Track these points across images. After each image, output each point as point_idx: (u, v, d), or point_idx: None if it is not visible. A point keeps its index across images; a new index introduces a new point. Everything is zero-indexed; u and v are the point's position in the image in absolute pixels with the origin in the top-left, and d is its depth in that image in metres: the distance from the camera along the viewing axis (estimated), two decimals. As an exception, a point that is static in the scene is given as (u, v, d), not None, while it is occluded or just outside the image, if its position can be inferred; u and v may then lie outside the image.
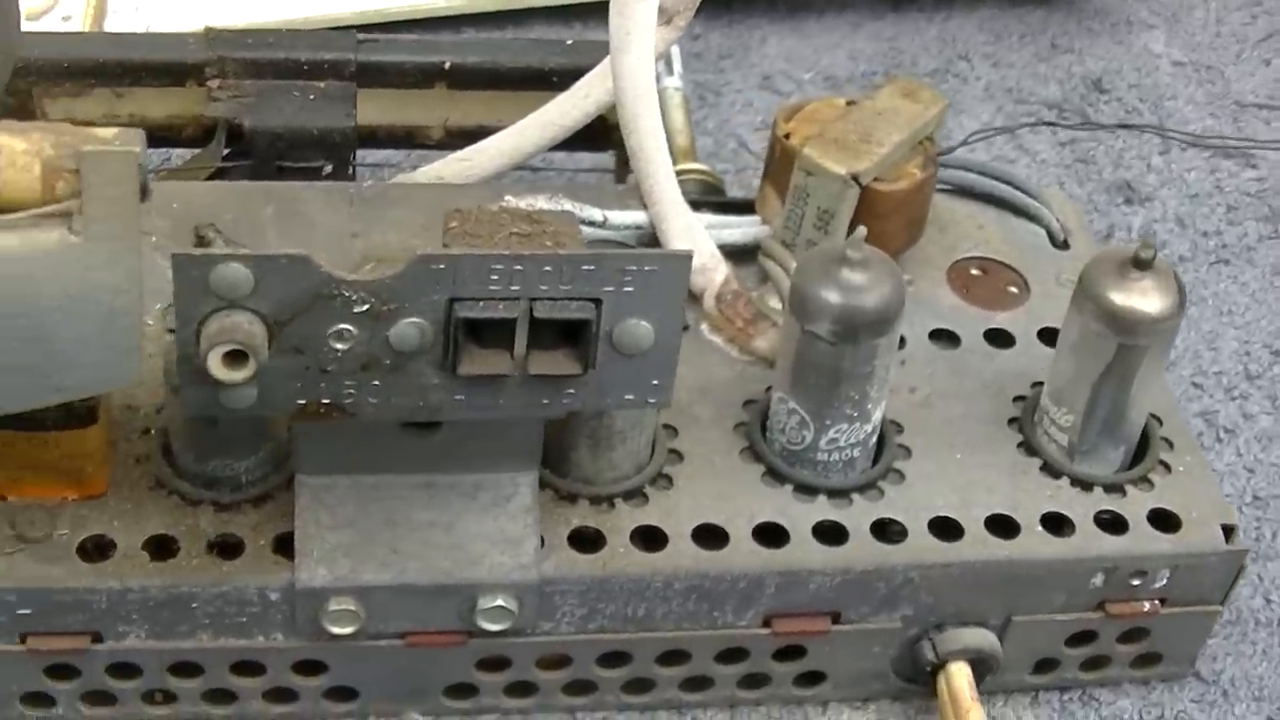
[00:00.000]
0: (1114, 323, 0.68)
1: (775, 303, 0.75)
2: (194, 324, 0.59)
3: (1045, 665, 0.73)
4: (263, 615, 0.67)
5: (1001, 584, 0.70)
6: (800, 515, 0.70)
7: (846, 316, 0.67)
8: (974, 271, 0.80)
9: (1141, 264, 0.68)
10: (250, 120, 0.80)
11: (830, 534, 0.70)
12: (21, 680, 0.68)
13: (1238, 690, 0.76)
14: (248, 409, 0.61)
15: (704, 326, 0.76)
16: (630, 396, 0.62)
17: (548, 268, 0.59)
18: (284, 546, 0.67)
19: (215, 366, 0.58)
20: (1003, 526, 0.70)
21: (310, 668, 0.69)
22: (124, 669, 0.68)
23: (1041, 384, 0.73)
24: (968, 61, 1.06)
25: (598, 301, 0.60)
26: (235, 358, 0.58)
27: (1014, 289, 0.79)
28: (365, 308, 0.59)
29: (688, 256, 0.60)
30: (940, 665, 0.71)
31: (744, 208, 0.79)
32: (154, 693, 0.69)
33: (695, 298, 0.75)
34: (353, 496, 0.67)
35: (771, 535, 0.69)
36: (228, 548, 0.67)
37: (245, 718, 0.71)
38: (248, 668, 0.69)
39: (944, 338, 0.77)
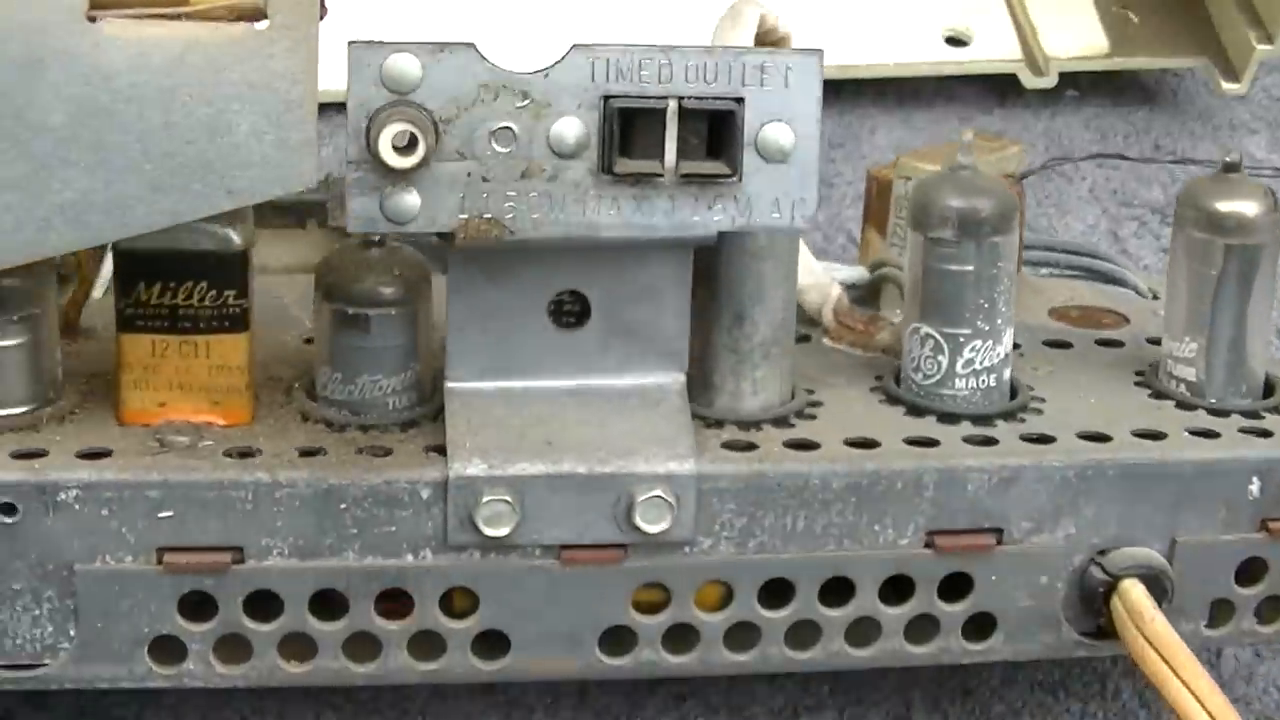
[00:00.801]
0: (1217, 224, 0.69)
1: (893, 318, 0.75)
2: (365, 117, 0.60)
3: (1219, 614, 0.69)
4: (413, 523, 0.63)
5: (1158, 490, 0.67)
6: (948, 433, 0.68)
7: (967, 213, 0.67)
8: (1074, 313, 0.80)
9: (1231, 168, 0.70)
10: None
11: (981, 444, 0.67)
12: (153, 619, 0.63)
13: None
14: (411, 221, 0.60)
15: (825, 340, 0.75)
16: (777, 215, 0.62)
17: (693, 62, 0.61)
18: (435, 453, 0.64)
19: (386, 150, 0.59)
20: (1150, 437, 0.68)
21: (459, 608, 0.64)
22: (263, 602, 0.63)
23: (1156, 365, 0.73)
24: (1073, 161, 1.08)
25: (740, 101, 0.61)
26: (406, 144, 0.59)
27: (1114, 321, 0.80)
28: (525, 103, 0.60)
29: (820, 52, 0.62)
30: (1113, 585, 0.66)
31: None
32: (291, 644, 0.64)
33: (813, 318, 0.75)
34: (502, 400, 0.65)
35: (923, 444, 0.67)
36: (377, 455, 0.64)
37: (387, 678, 0.65)
38: (394, 603, 0.64)
39: (1056, 345, 0.77)
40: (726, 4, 0.72)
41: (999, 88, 1.12)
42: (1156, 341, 0.75)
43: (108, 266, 0.74)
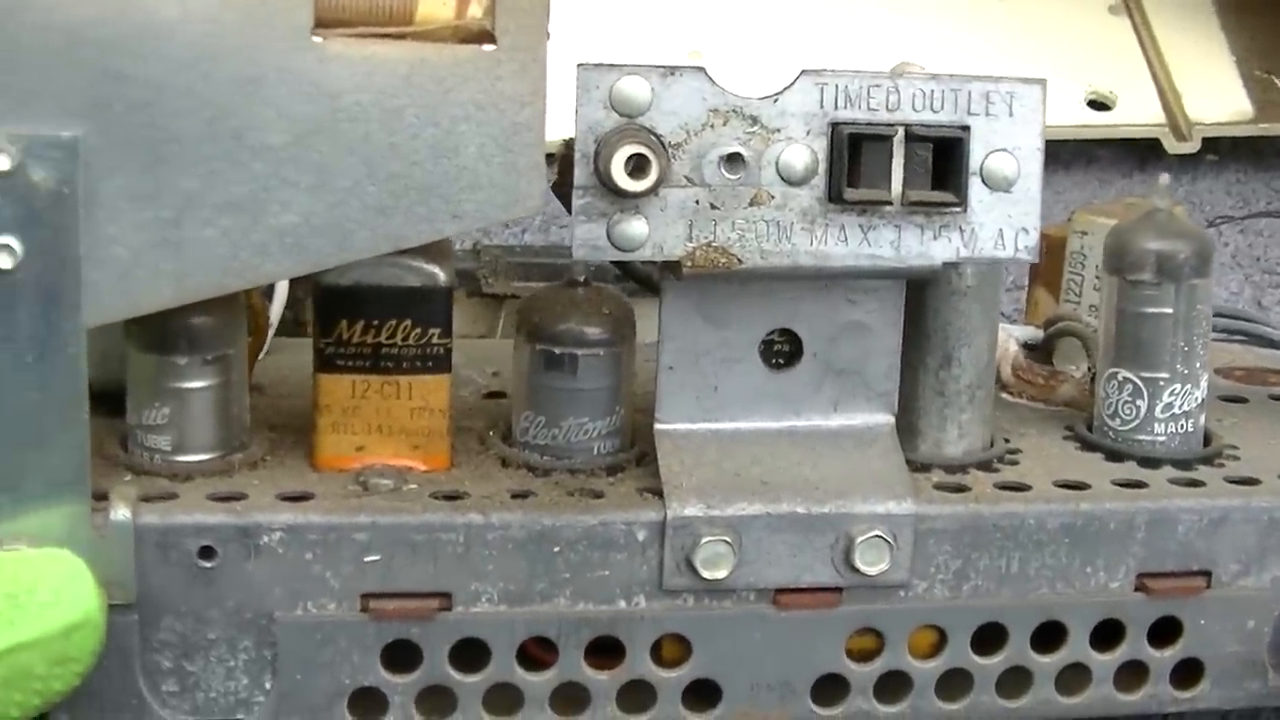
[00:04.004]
0: None
1: (1073, 372, 0.68)
2: (594, 140, 0.52)
3: None
4: (628, 566, 0.55)
5: (1367, 532, 0.59)
6: (1152, 477, 0.60)
7: (1167, 255, 0.60)
8: (1238, 372, 0.73)
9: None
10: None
11: (1188, 485, 0.60)
12: (355, 670, 0.54)
13: None
14: (638, 249, 0.53)
15: (1005, 396, 0.68)
16: (1000, 246, 0.55)
17: (921, 89, 0.54)
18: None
19: (619, 173, 0.51)
20: (1356, 482, 0.61)
21: (669, 657, 0.56)
22: (470, 651, 0.55)
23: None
24: (1215, 228, 1.00)
25: (966, 129, 0.55)
26: (638, 166, 0.52)
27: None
28: (754, 129, 0.53)
29: (1043, 82, 0.55)
30: (1322, 628, 0.59)
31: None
32: (495, 696, 0.55)
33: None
34: (714, 441, 0.57)
35: (1132, 486, 0.59)
36: (589, 497, 0.56)
37: (596, 732, 0.56)
38: (605, 653, 0.56)
39: (1231, 400, 0.69)
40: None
41: (1138, 151, 1.03)
42: (1336, 398, 0.68)
43: (274, 315, 0.66)
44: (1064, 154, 1.02)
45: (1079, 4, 1.02)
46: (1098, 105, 1.00)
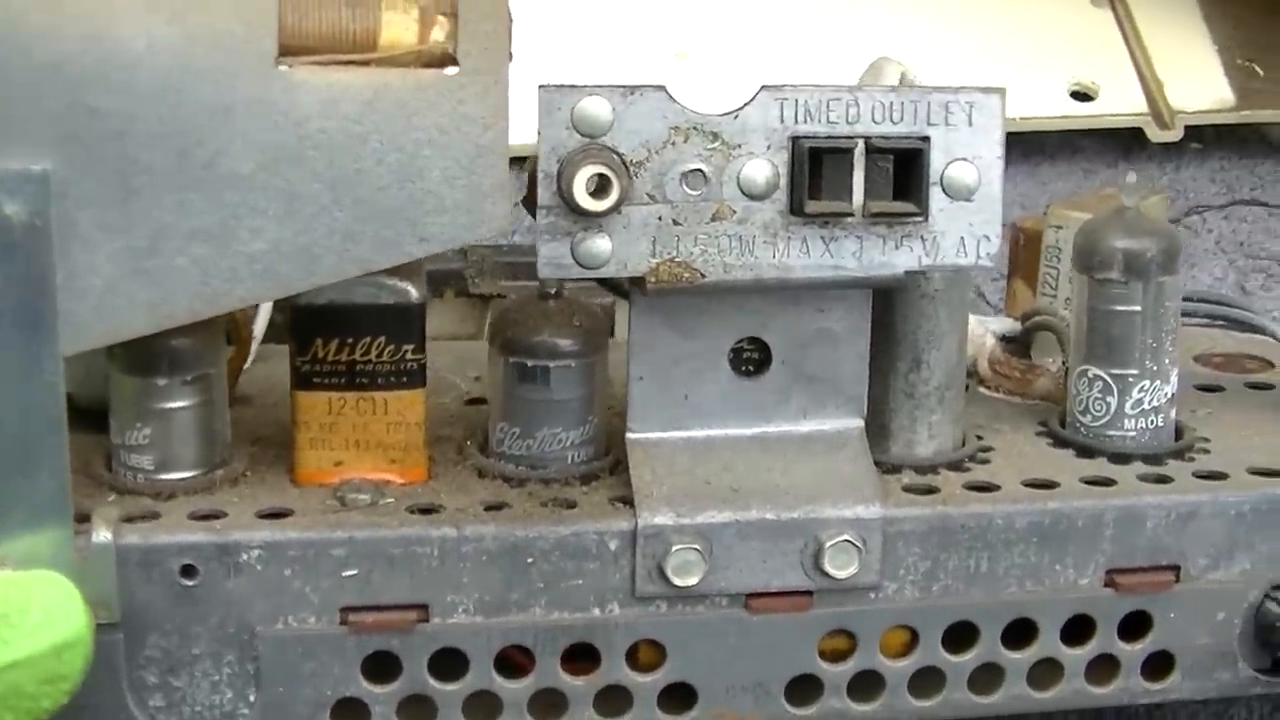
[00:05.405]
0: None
1: (1049, 366, 0.68)
2: (556, 161, 0.53)
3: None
4: (601, 575, 0.55)
5: (1336, 524, 0.60)
6: (1122, 473, 0.60)
7: (1134, 253, 0.61)
8: (1217, 359, 0.73)
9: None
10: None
11: (1157, 481, 0.60)
12: (337, 681, 0.55)
13: None
14: (602, 266, 0.53)
15: (982, 389, 0.68)
16: (962, 254, 0.55)
17: (881, 101, 0.54)
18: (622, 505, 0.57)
19: (580, 194, 0.52)
20: (1323, 473, 0.61)
21: (645, 662, 0.57)
22: (449, 660, 0.55)
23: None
24: (1199, 215, 1.00)
25: (926, 140, 0.55)
26: (600, 186, 0.52)
27: (1259, 365, 0.72)
28: (715, 145, 0.53)
29: (1002, 91, 0.55)
30: (1292, 619, 0.59)
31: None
32: (474, 704, 0.56)
33: (970, 368, 0.68)
34: (686, 449, 0.57)
35: (1100, 484, 0.60)
36: (562, 508, 0.57)
37: (574, 735, 0.57)
38: (581, 658, 0.56)
39: (1208, 389, 0.70)
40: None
41: (1123, 141, 1.02)
42: (1312, 388, 0.68)
43: (259, 327, 0.67)
44: (1048, 145, 1.01)
45: (1061, -5, 1.02)
46: (1081, 96, 1.00)
